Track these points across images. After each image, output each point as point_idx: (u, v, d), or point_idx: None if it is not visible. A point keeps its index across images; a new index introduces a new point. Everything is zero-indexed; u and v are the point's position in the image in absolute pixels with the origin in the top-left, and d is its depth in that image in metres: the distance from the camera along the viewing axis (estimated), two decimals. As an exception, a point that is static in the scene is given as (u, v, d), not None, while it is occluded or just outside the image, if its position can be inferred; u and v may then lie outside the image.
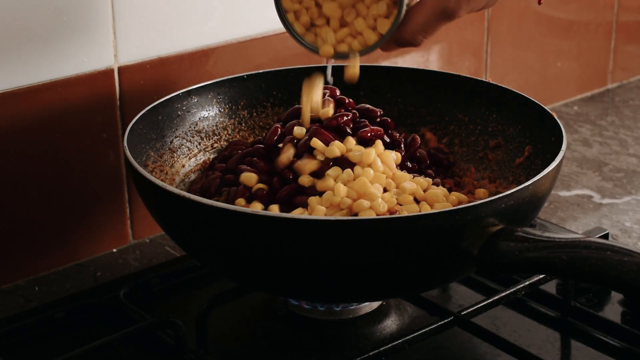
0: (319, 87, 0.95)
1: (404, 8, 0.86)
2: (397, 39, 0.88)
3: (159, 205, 0.85)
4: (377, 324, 0.91)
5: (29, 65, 0.98)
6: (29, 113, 0.99)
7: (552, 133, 0.92)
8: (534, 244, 0.74)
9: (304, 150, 0.90)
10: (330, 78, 0.95)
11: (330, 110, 0.94)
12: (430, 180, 0.92)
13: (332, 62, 0.93)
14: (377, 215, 0.84)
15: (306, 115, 0.94)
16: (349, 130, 0.93)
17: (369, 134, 0.92)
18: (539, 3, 0.93)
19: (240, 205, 0.88)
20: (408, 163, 0.95)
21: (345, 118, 0.93)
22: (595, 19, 1.52)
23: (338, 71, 0.96)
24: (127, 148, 0.88)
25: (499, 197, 0.78)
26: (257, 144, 0.96)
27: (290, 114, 0.97)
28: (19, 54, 0.97)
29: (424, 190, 0.89)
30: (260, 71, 1.07)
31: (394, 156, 0.91)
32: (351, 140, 0.90)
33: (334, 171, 0.88)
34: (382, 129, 0.94)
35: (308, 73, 0.96)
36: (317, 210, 0.84)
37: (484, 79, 1.04)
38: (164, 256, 1.08)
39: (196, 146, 1.02)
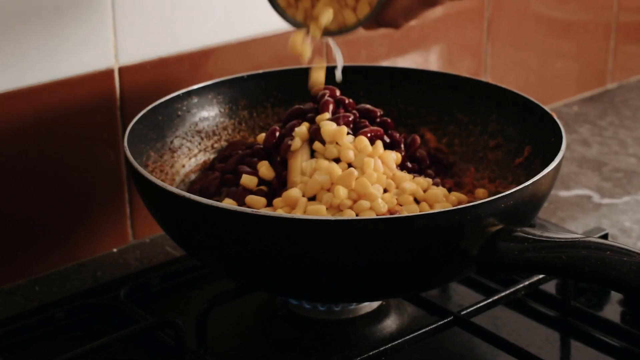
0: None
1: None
2: (379, 19, 0.87)
3: (159, 205, 0.85)
4: (377, 324, 0.91)
5: (29, 65, 0.98)
6: (29, 113, 0.99)
7: (552, 133, 0.92)
8: (534, 244, 0.74)
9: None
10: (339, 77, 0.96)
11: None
12: (430, 180, 0.92)
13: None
14: (378, 215, 0.84)
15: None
16: (349, 131, 0.93)
17: (368, 135, 0.92)
18: None
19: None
20: (408, 163, 0.95)
21: (346, 119, 0.93)
22: (595, 19, 1.52)
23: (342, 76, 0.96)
24: (127, 148, 0.88)
25: (499, 197, 0.78)
26: (257, 145, 0.96)
27: (291, 114, 0.97)
28: (19, 54, 0.97)
29: (424, 191, 0.89)
30: (260, 71, 1.07)
31: (394, 157, 0.91)
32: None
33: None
34: (382, 130, 0.94)
35: (308, 73, 0.97)
36: (317, 210, 0.84)
37: (483, 79, 1.04)
38: (164, 256, 1.08)
39: (196, 146, 1.02)
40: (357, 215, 0.84)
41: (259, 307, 0.95)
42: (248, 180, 0.91)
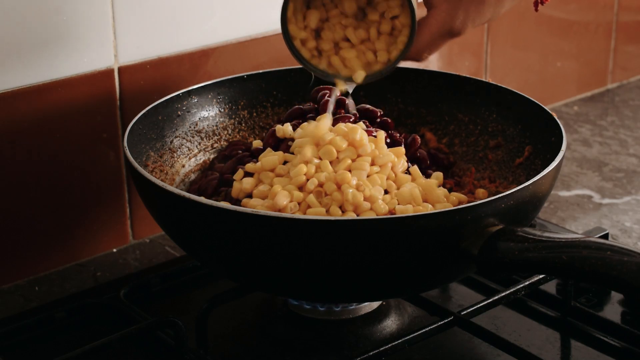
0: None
1: (412, 42, 0.87)
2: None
3: (159, 205, 0.85)
4: (377, 324, 0.91)
5: (29, 65, 0.98)
6: (29, 113, 0.99)
7: (552, 133, 0.92)
8: (534, 244, 0.74)
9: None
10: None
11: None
12: (435, 181, 0.92)
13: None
14: (378, 216, 0.84)
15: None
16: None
17: (372, 135, 0.92)
18: (536, 10, 0.94)
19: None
20: (408, 163, 0.95)
21: (346, 120, 0.93)
22: (595, 19, 1.52)
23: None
24: (127, 148, 0.88)
25: (499, 197, 0.78)
26: (256, 146, 0.96)
27: (291, 114, 0.97)
28: (19, 54, 0.97)
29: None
30: (260, 71, 1.07)
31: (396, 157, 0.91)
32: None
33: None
34: (384, 131, 0.94)
35: (308, 73, 0.96)
36: (318, 211, 0.84)
37: (484, 79, 1.04)
38: (164, 256, 1.08)
39: (196, 146, 1.02)
40: (357, 215, 0.84)
41: (259, 307, 0.95)
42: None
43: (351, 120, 0.93)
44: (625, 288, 0.71)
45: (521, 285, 0.92)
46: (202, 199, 0.78)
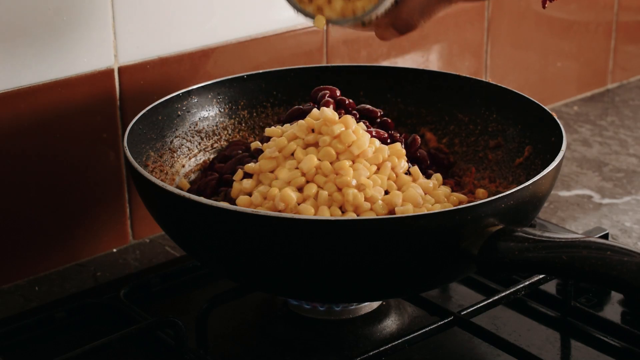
0: None
1: None
2: (395, 21, 0.86)
3: (159, 205, 0.85)
4: (377, 324, 0.91)
5: (29, 65, 0.98)
6: (28, 113, 0.99)
7: (552, 133, 0.92)
8: (534, 244, 0.74)
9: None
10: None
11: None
12: (436, 182, 0.92)
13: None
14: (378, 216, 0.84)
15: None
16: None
17: (373, 135, 0.92)
18: (544, 7, 0.93)
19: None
20: (409, 164, 0.95)
21: (381, 135, 0.93)
22: (595, 19, 1.52)
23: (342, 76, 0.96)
24: (127, 148, 0.88)
25: (499, 197, 0.78)
26: (256, 147, 0.96)
27: (291, 114, 0.97)
28: (19, 54, 0.97)
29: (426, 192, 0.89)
30: (260, 71, 1.07)
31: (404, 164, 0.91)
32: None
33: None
34: (385, 132, 0.94)
35: (308, 73, 0.97)
36: (320, 210, 0.84)
37: (484, 79, 1.04)
38: (164, 256, 1.08)
39: (196, 146, 1.02)
40: (358, 215, 0.84)
41: (259, 307, 0.95)
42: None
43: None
44: (625, 288, 0.71)
45: (521, 285, 0.92)
46: (202, 199, 0.78)
